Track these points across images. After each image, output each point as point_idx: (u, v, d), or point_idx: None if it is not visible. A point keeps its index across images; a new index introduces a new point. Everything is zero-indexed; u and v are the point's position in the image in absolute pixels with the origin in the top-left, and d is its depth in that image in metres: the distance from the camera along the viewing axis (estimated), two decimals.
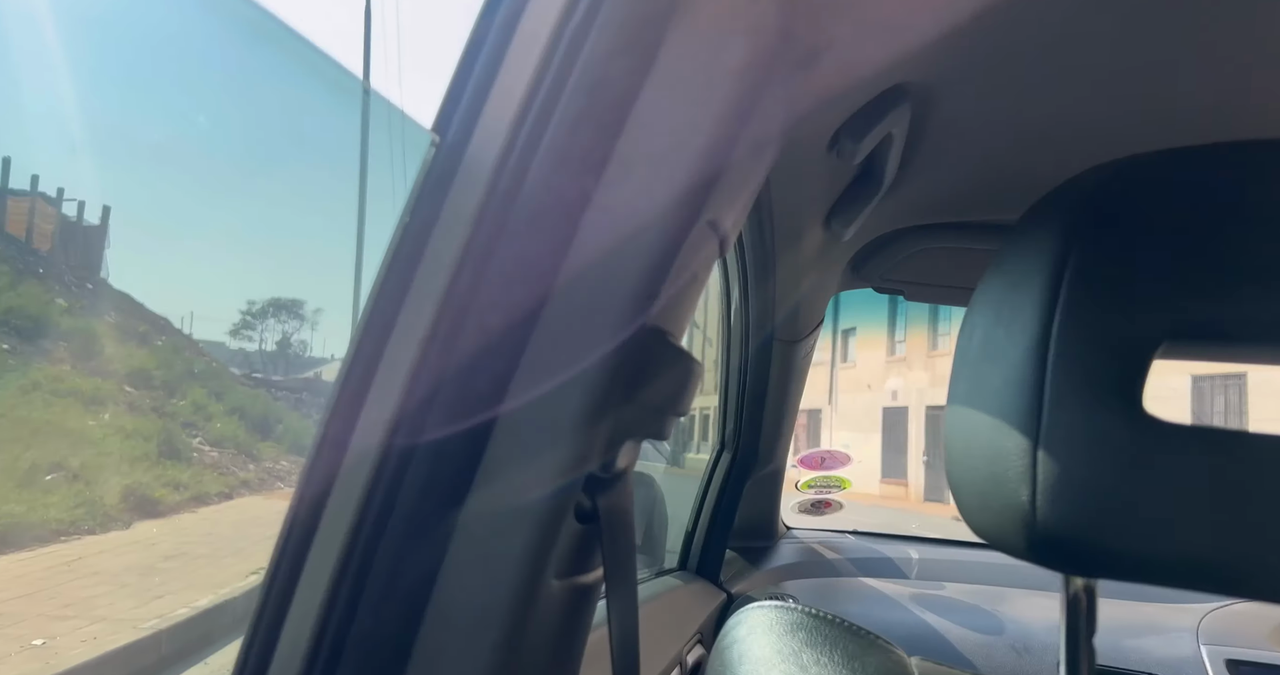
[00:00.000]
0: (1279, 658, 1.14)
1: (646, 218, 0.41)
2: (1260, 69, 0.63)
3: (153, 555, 1.75)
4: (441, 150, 0.41)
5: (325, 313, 5.45)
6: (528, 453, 0.41)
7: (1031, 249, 0.40)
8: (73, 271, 2.20)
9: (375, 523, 0.41)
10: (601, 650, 0.51)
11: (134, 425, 1.94)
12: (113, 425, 1.84)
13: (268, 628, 0.41)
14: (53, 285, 2.09)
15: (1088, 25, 0.62)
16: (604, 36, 0.40)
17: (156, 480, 1.76)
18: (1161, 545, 0.34)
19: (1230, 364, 0.45)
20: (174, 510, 1.74)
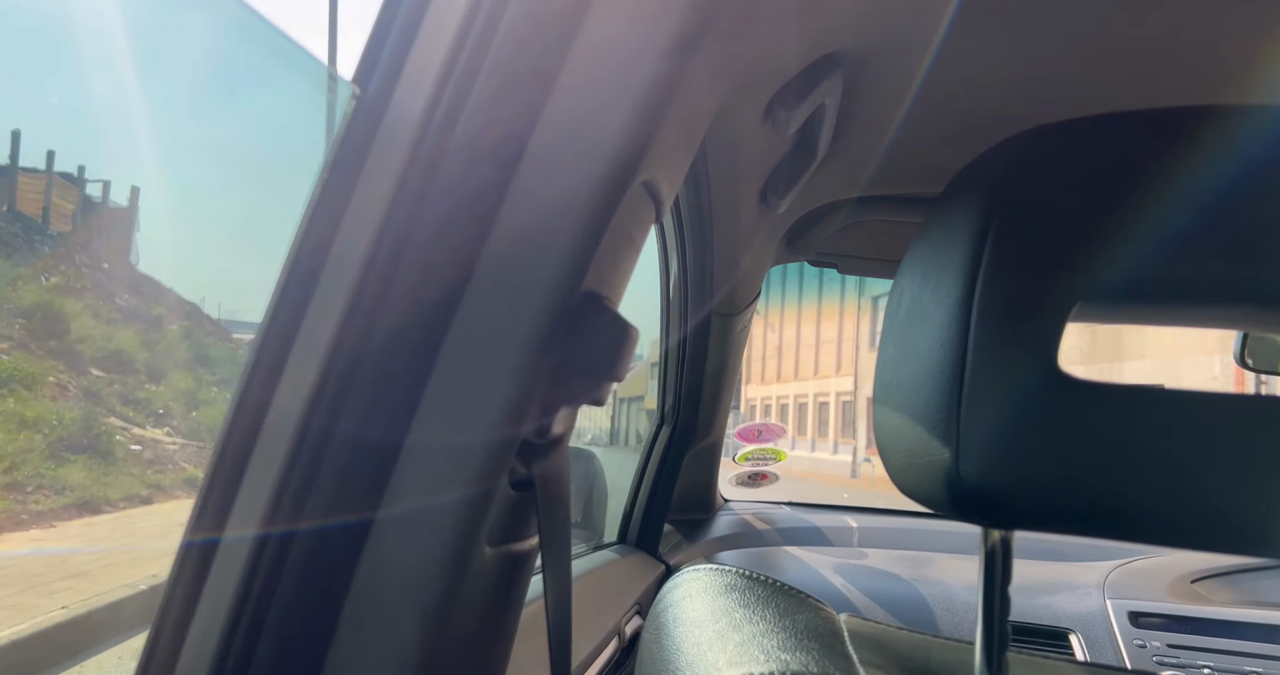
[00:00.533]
0: (1174, 608, 1.23)
1: (580, 176, 0.40)
2: (1176, 39, 0.66)
3: None
4: (363, 103, 0.39)
5: None
6: (458, 418, 0.40)
7: (956, 216, 0.41)
8: (86, 252, 1.97)
9: (297, 490, 0.39)
10: (538, 621, 0.51)
11: (43, 414, 1.72)
12: (7, 412, 1.60)
13: (182, 601, 0.39)
14: (52, 264, 1.86)
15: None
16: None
17: (31, 481, 1.48)
18: (1074, 497, 0.36)
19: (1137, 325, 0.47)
20: (38, 520, 1.43)
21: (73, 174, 1.54)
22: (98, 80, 1.19)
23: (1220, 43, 0.66)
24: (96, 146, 1.57)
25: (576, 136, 0.40)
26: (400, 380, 0.40)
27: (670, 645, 0.47)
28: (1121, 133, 0.38)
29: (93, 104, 1.35)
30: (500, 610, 0.49)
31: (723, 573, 0.54)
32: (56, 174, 1.35)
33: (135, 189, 1.90)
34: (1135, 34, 0.66)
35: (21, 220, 1.73)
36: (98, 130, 1.46)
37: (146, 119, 1.28)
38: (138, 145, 1.39)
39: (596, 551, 1.34)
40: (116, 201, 1.87)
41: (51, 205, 1.57)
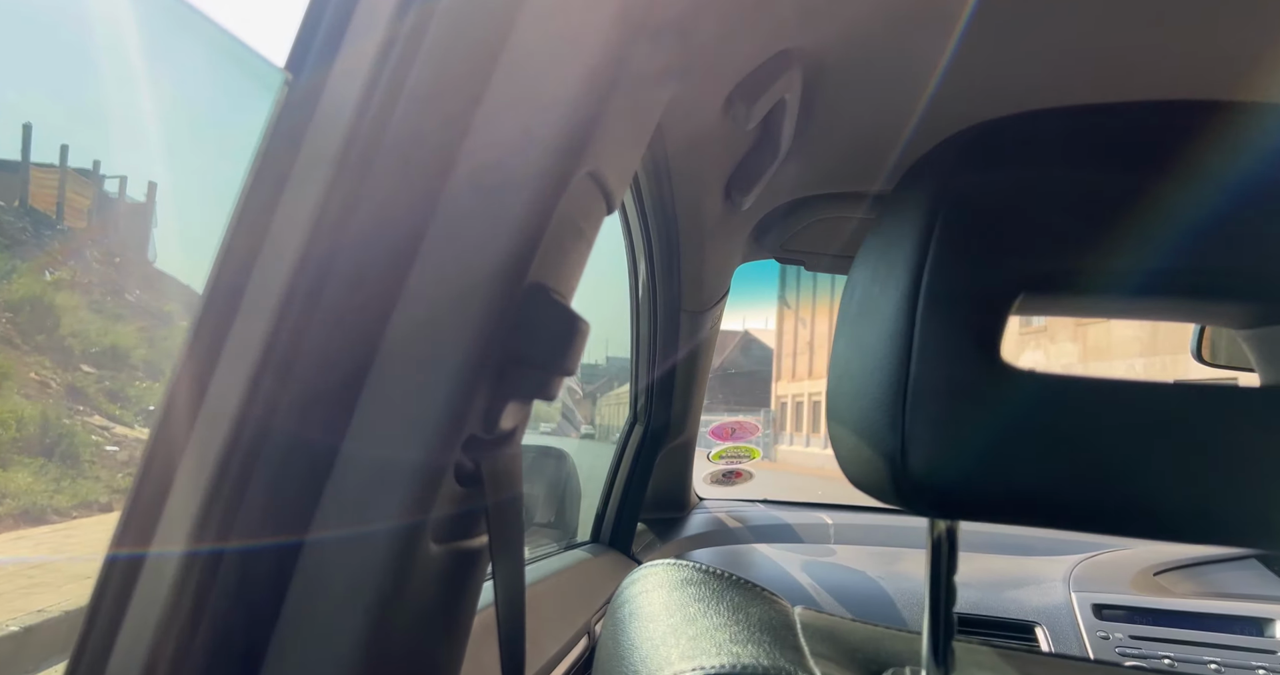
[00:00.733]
0: (1136, 600, 1.25)
1: (522, 164, 0.39)
2: (1121, 37, 0.67)
3: None
4: (296, 90, 0.38)
5: None
6: (399, 412, 0.40)
7: (905, 210, 0.41)
8: (98, 247, 1.88)
9: (232, 487, 0.38)
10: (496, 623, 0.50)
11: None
12: None
13: (115, 597, 0.38)
14: (58, 259, 1.76)
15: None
16: None
17: None
18: (1017, 487, 0.36)
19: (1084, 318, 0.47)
20: None
21: (88, 169, 1.49)
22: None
23: (1162, 41, 0.67)
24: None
25: (518, 124, 0.39)
26: (338, 374, 0.39)
27: (625, 641, 0.46)
28: (1064, 127, 0.38)
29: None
30: (451, 609, 0.48)
31: (679, 567, 0.53)
32: (71, 169, 1.30)
33: (153, 185, 1.84)
34: (1081, 32, 0.67)
35: (32, 215, 1.65)
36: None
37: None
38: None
39: (568, 550, 1.33)
40: (134, 197, 1.79)
41: (65, 200, 1.51)
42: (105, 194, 1.76)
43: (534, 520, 1.37)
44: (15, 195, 1.52)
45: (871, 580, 1.36)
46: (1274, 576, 1.36)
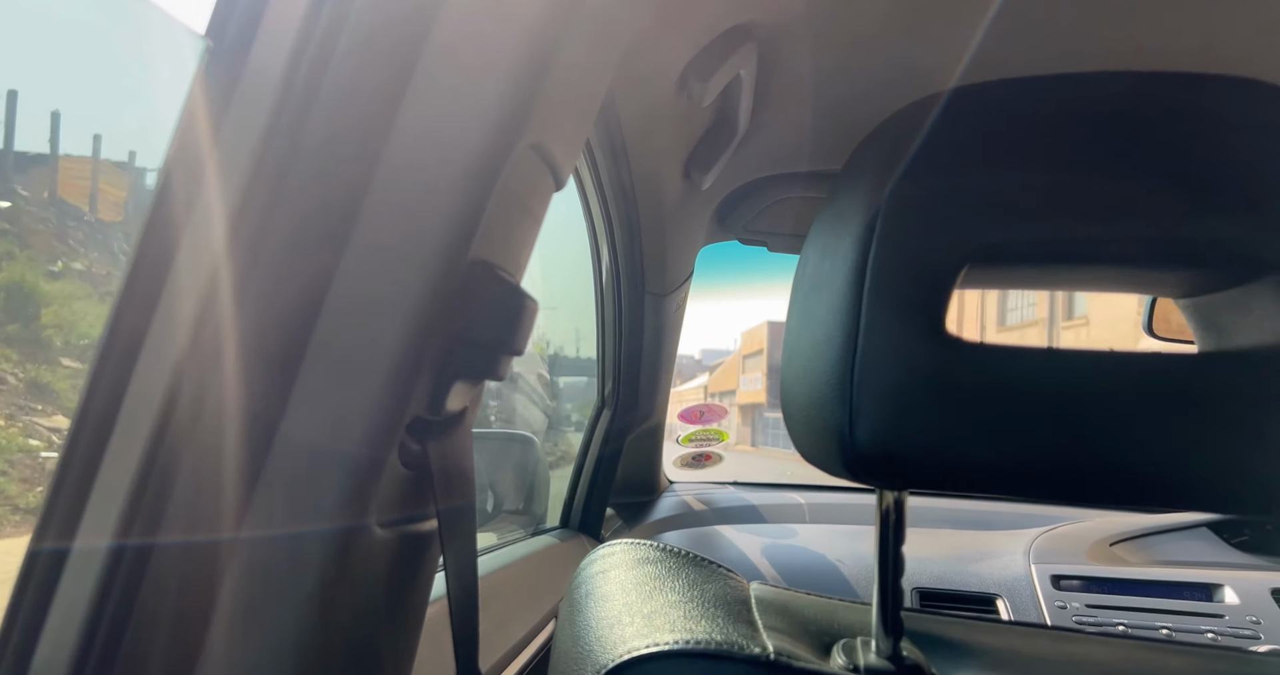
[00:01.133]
0: (1093, 570, 1.29)
1: (460, 135, 0.38)
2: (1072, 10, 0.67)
3: None
4: (217, 57, 0.36)
5: None
6: (337, 395, 0.39)
7: (854, 184, 0.41)
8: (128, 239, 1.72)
9: (162, 471, 0.37)
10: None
11: None
12: None
13: (35, 598, 0.36)
14: (75, 250, 1.58)
15: None
16: None
17: None
18: (962, 456, 0.36)
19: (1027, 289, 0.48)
20: None
21: (124, 161, 1.39)
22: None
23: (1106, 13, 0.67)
24: None
25: (454, 94, 0.38)
26: (271, 354, 0.38)
27: (581, 621, 0.46)
28: (1009, 98, 0.38)
29: None
30: (401, 597, 0.47)
31: (637, 547, 0.53)
32: (104, 161, 1.21)
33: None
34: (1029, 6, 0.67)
35: (58, 206, 1.52)
36: None
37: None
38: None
39: (536, 536, 1.33)
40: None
41: (98, 192, 1.40)
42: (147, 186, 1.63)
43: (503, 507, 1.36)
44: (45, 186, 1.42)
45: (835, 557, 1.37)
46: (1223, 543, 1.41)
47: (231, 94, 0.37)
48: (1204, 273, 0.39)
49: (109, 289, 0.45)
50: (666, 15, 0.61)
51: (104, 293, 1.19)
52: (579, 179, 1.03)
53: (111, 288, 0.38)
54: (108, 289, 0.50)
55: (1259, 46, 0.69)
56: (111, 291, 0.38)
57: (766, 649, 0.39)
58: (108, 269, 1.04)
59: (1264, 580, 1.22)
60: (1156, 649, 0.43)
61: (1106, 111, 0.37)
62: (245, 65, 0.37)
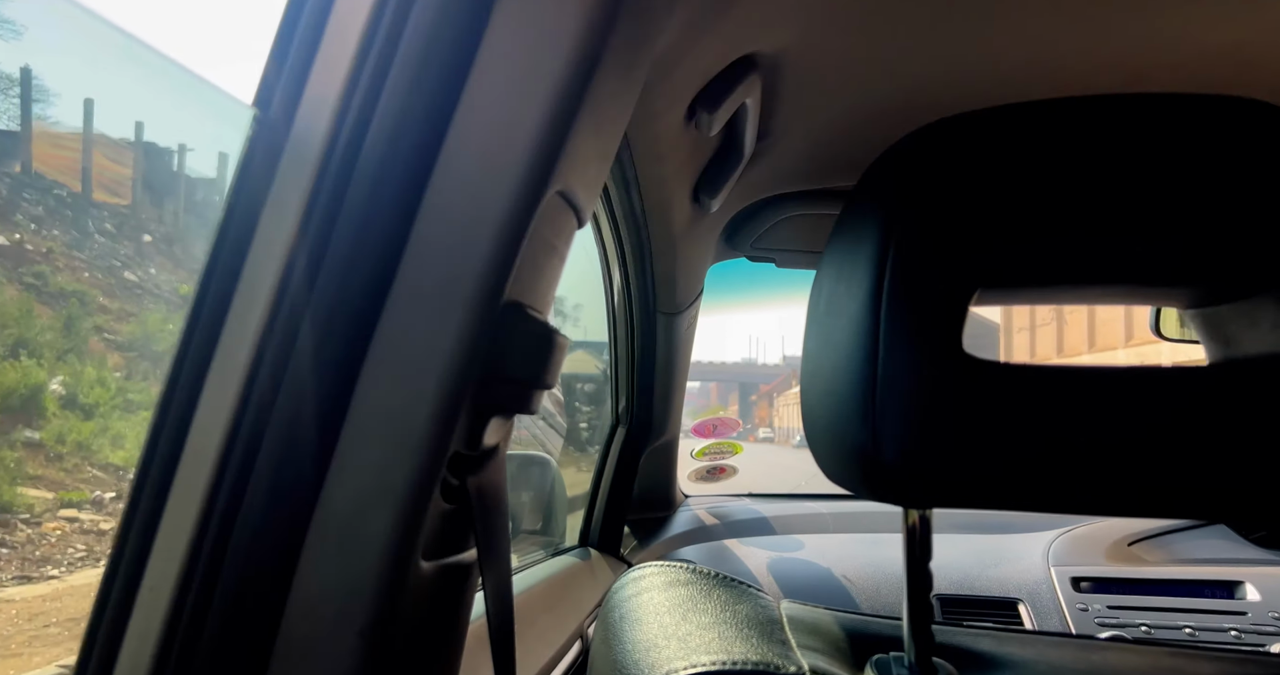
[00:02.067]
0: (1112, 571, 1.29)
1: (492, 189, 0.40)
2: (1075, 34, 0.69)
3: None
4: (264, 125, 0.39)
5: None
6: (384, 434, 0.40)
7: (866, 209, 0.42)
8: (132, 224, 1.52)
9: (224, 514, 0.39)
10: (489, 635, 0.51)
11: None
12: None
13: (109, 629, 0.38)
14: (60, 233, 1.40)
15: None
16: (432, 2, 0.39)
17: None
18: (983, 473, 0.38)
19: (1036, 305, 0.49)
20: None
21: (128, 138, 1.19)
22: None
23: (1108, 37, 0.69)
24: None
25: (486, 150, 0.40)
26: (321, 401, 0.40)
27: (618, 645, 0.48)
28: (1016, 123, 0.40)
29: None
30: (444, 625, 0.49)
31: (667, 569, 0.55)
32: (105, 135, 1.07)
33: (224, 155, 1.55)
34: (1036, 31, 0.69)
35: (39, 181, 1.30)
36: None
37: None
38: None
39: (557, 556, 1.34)
40: (201, 172, 1.42)
41: (94, 167, 1.20)
42: (161, 165, 1.38)
43: (521, 528, 1.38)
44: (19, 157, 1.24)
45: (857, 568, 1.38)
46: (1242, 540, 1.41)
47: (278, 158, 0.39)
48: (1210, 286, 0.41)
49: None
50: (677, 52, 0.63)
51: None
52: None
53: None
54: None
55: (1265, 67, 0.71)
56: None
57: (802, 668, 0.41)
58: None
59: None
60: (1184, 655, 0.44)
61: (1113, 133, 0.38)
62: (290, 131, 0.39)
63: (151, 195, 1.03)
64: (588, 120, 0.44)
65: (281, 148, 0.39)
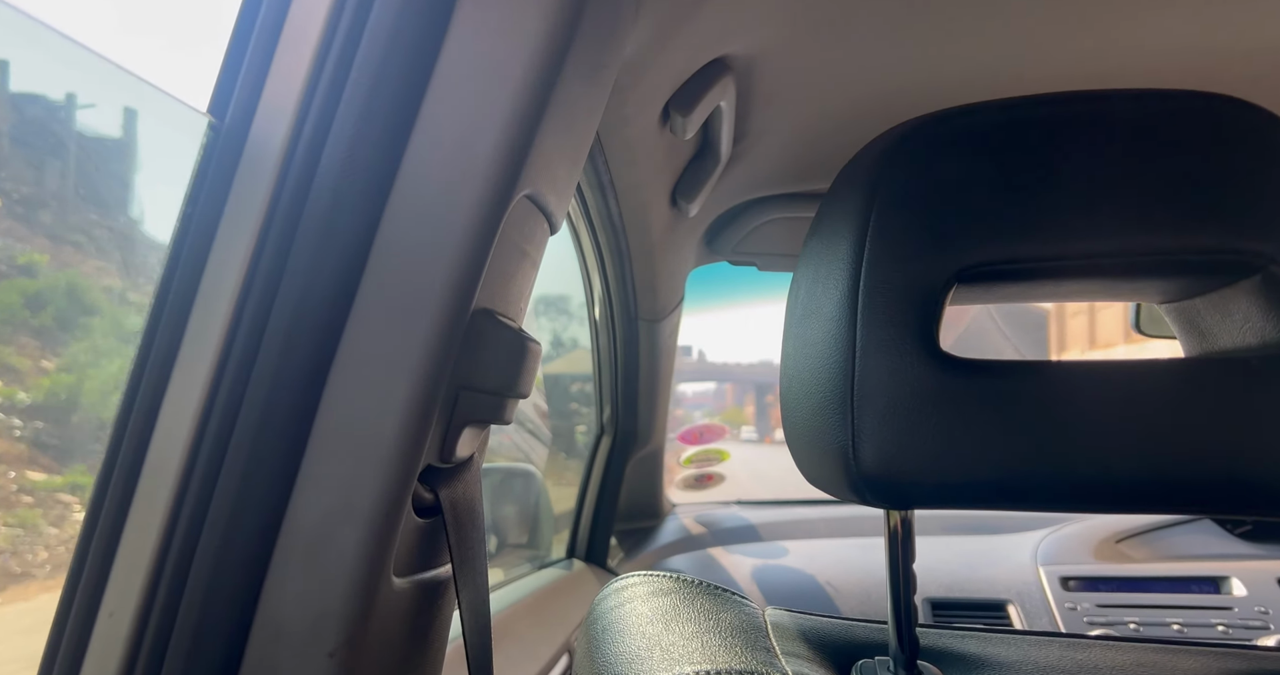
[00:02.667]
0: (1101, 570, 1.29)
1: (458, 193, 0.40)
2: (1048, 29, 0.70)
3: None
4: (220, 133, 0.38)
5: None
6: (352, 448, 0.39)
7: (841, 209, 0.42)
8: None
9: (186, 535, 0.37)
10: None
11: None
12: None
13: (67, 657, 0.37)
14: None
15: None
16: (391, 3, 0.38)
17: None
18: (964, 473, 0.37)
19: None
20: None
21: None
22: None
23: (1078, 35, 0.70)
24: None
25: (450, 154, 0.40)
26: (285, 415, 0.39)
27: (600, 658, 0.46)
28: (989, 120, 0.40)
29: None
30: (419, 644, 0.47)
31: (649, 579, 0.54)
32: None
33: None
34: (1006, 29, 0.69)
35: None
36: None
37: None
38: None
39: (543, 568, 1.33)
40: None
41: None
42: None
43: (507, 542, 1.36)
44: None
45: (845, 573, 1.37)
46: (1227, 534, 1.42)
47: (235, 165, 0.38)
48: (1185, 280, 0.40)
49: None
50: (646, 55, 0.63)
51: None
52: (568, 214, 1.05)
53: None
54: None
55: (1230, 62, 0.72)
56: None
57: (786, 674, 0.40)
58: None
59: (1270, 569, 1.23)
60: (1168, 651, 0.44)
61: (1085, 128, 0.38)
62: (247, 138, 0.38)
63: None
64: (555, 122, 0.44)
65: (239, 155, 0.38)
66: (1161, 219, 0.36)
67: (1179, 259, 0.37)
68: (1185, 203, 0.36)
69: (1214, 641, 0.45)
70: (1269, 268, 0.36)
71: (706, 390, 7.61)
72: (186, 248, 0.38)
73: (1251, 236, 0.36)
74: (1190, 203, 0.36)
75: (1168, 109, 0.38)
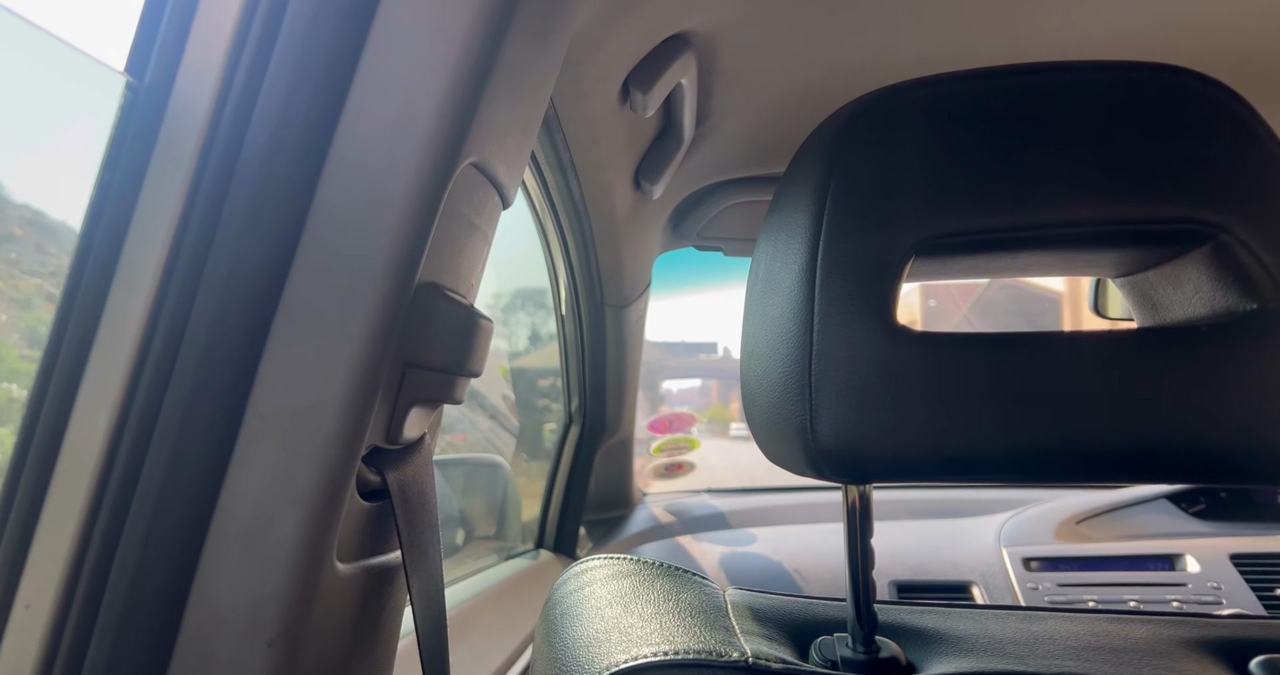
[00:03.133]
0: (1062, 550, 1.32)
1: (398, 159, 0.38)
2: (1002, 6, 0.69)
3: None
4: (139, 93, 0.35)
5: None
6: (290, 428, 0.37)
7: (800, 183, 0.41)
8: None
9: (110, 521, 0.35)
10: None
11: None
12: None
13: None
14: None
15: None
16: None
17: None
18: (921, 447, 0.37)
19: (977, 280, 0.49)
20: None
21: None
22: None
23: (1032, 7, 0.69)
24: None
25: (390, 116, 0.38)
26: (217, 394, 0.37)
27: (558, 642, 0.45)
28: (945, 92, 0.39)
29: None
30: (370, 631, 0.46)
31: (611, 561, 0.53)
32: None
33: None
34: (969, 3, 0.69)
35: None
36: None
37: None
38: None
39: (510, 559, 1.31)
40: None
41: None
42: None
43: (474, 534, 1.34)
44: None
45: (814, 557, 1.38)
46: (1182, 513, 1.45)
47: (156, 129, 0.36)
48: (1138, 251, 0.40)
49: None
50: (602, 27, 0.61)
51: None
52: (527, 194, 1.03)
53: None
54: None
55: (1185, 36, 0.72)
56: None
57: (745, 653, 0.39)
58: None
59: (1222, 546, 1.26)
60: (1121, 620, 0.44)
61: (1040, 100, 0.38)
62: (170, 100, 0.36)
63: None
64: (503, 87, 0.42)
65: (160, 118, 0.36)
66: (1115, 189, 0.36)
67: (1133, 229, 0.37)
68: (1139, 172, 0.36)
69: (1166, 612, 0.46)
70: (1219, 237, 0.36)
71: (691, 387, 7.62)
72: (105, 216, 0.36)
73: (1202, 206, 0.36)
74: (1144, 172, 0.36)
75: (1121, 80, 0.37)
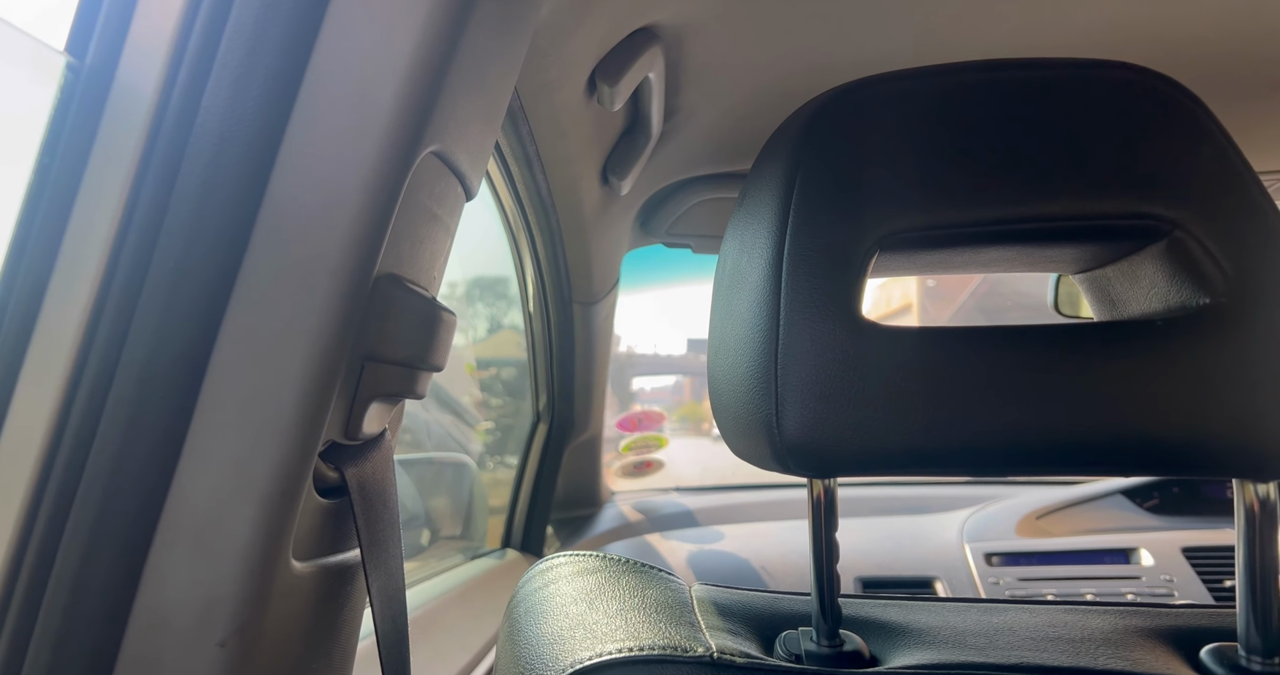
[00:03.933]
0: (1022, 545, 1.35)
1: (356, 146, 0.37)
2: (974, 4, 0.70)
3: None
4: (81, 74, 0.34)
5: None
6: (243, 422, 0.36)
7: (766, 177, 0.41)
8: None
9: (51, 518, 0.34)
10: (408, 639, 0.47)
11: None
12: None
13: None
14: None
15: None
16: None
17: None
18: (885, 441, 0.37)
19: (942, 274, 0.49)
20: None
21: None
22: None
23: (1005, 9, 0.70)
24: None
25: (347, 101, 0.37)
26: (167, 387, 0.35)
27: (522, 640, 0.45)
28: (911, 87, 0.39)
29: None
30: (328, 631, 0.45)
31: (576, 559, 0.52)
32: None
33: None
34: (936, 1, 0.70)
35: None
36: None
37: None
38: None
39: (475, 559, 1.29)
40: None
41: None
42: None
43: (440, 534, 1.32)
44: None
45: (780, 554, 1.39)
46: (1137, 508, 1.50)
47: (100, 114, 0.34)
48: (1097, 247, 0.41)
49: None
50: (568, 16, 0.61)
51: None
52: (493, 188, 1.02)
53: None
54: None
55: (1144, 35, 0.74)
56: None
57: (710, 648, 0.39)
58: None
59: (1175, 540, 1.30)
60: (1078, 611, 0.45)
61: (1003, 95, 0.38)
62: (113, 82, 0.34)
63: None
64: (464, 74, 0.41)
65: (103, 102, 0.34)
66: (1075, 185, 0.37)
67: (1091, 225, 0.37)
68: (1098, 169, 0.37)
69: (1121, 603, 0.47)
70: (1174, 233, 0.37)
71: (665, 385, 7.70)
72: (45, 204, 0.34)
73: (1160, 202, 0.36)
74: (1103, 169, 0.37)
75: (1083, 78, 0.38)
